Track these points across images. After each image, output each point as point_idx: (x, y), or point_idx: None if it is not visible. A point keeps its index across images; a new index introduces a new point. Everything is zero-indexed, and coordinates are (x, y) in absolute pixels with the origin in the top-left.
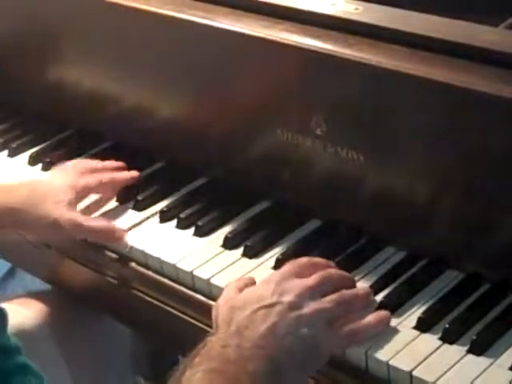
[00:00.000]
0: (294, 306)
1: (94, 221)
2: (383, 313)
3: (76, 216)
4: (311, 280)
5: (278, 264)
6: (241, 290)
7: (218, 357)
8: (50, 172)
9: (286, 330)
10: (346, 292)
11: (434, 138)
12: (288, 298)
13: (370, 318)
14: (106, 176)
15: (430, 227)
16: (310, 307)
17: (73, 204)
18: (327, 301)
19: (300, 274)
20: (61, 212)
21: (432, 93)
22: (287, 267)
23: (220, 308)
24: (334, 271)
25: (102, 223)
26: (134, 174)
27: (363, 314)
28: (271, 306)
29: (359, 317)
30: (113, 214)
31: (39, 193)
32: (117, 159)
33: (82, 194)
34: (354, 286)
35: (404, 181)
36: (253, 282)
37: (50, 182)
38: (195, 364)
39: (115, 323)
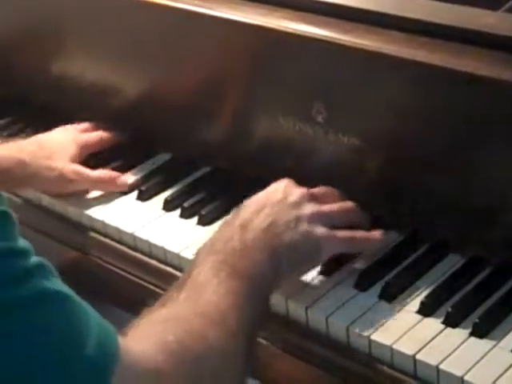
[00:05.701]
0: (296, 205)
1: (97, 171)
2: (380, 231)
3: (79, 167)
4: (315, 189)
5: None
6: None
7: (223, 250)
8: (54, 130)
9: (285, 226)
10: (345, 203)
11: (435, 123)
12: (291, 198)
13: (374, 232)
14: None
15: (432, 211)
16: (310, 208)
17: (76, 158)
18: (327, 207)
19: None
20: (65, 164)
21: (431, 78)
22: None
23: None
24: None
25: (104, 172)
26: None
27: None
28: (275, 204)
29: None
30: (117, 205)
31: (46, 148)
32: (122, 151)
33: (84, 149)
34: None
35: (405, 165)
36: None
37: (54, 137)
38: (201, 261)
39: (115, 309)
